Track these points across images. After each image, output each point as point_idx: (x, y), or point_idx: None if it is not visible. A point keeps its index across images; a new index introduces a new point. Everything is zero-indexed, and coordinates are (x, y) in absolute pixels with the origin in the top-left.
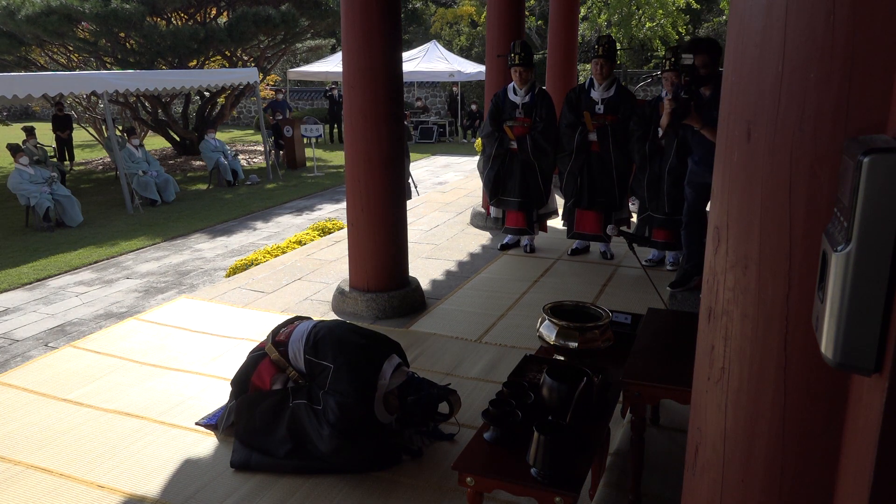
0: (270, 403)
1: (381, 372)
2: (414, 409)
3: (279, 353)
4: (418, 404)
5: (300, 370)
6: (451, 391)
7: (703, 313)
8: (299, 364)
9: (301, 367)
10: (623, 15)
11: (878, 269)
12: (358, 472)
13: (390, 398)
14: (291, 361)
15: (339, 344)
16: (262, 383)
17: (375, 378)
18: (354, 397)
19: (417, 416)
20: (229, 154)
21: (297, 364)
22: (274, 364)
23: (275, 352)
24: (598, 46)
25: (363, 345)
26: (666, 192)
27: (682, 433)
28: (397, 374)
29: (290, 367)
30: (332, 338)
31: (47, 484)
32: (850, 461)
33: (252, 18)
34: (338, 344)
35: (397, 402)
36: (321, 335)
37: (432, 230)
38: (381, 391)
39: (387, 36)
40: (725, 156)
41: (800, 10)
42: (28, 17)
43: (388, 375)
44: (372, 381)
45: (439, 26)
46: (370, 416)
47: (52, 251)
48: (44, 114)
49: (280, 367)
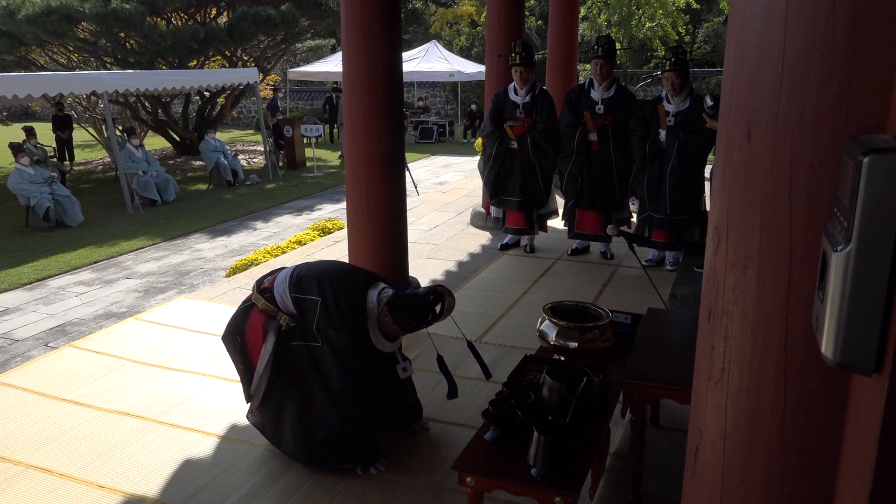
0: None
1: (367, 298)
2: (405, 314)
3: (266, 300)
4: (408, 308)
5: (290, 313)
6: (439, 289)
7: (703, 313)
8: (288, 306)
9: (290, 308)
10: (623, 15)
11: (878, 269)
12: (367, 422)
13: (382, 318)
14: (280, 306)
15: (322, 275)
16: (256, 335)
17: (363, 305)
18: (348, 333)
19: (411, 322)
20: (229, 154)
21: (286, 307)
22: (263, 312)
23: (261, 299)
24: (598, 46)
25: (347, 270)
26: (668, 192)
27: (682, 433)
28: (384, 297)
29: (279, 312)
30: (315, 271)
31: (47, 484)
32: (850, 461)
33: (252, 18)
34: (321, 275)
35: (389, 318)
36: (304, 272)
37: (432, 230)
38: (372, 318)
39: (387, 36)
40: (725, 156)
41: (800, 10)
42: (28, 17)
43: (375, 299)
44: (361, 308)
45: (439, 26)
46: (369, 348)
47: (52, 251)
48: (44, 114)
49: (270, 314)
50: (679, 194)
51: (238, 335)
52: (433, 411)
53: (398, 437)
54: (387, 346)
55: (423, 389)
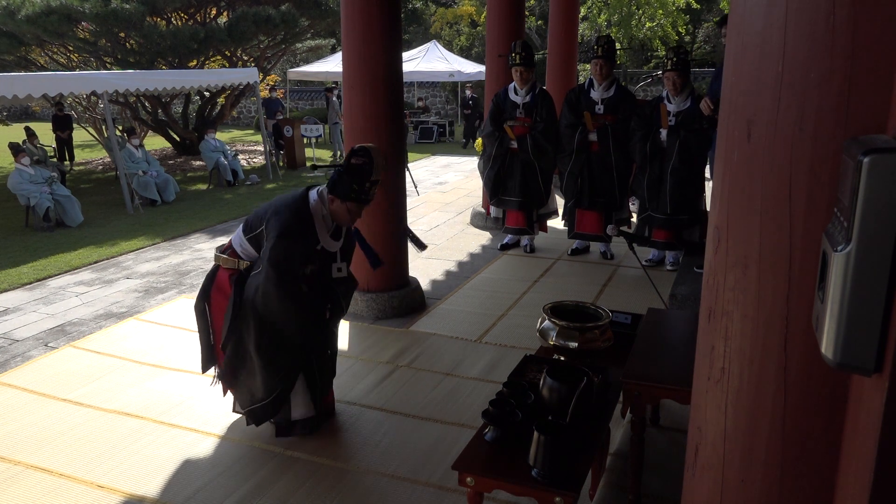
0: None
1: (308, 199)
2: (344, 183)
3: (227, 256)
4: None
5: (252, 257)
6: (355, 147)
7: (703, 313)
8: (248, 250)
9: (251, 252)
10: (623, 15)
11: (878, 269)
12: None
13: (333, 208)
14: (241, 255)
15: (266, 207)
16: (224, 293)
17: (305, 206)
18: (291, 216)
19: (353, 186)
20: (229, 154)
21: (246, 253)
22: (228, 269)
23: (222, 257)
24: (598, 47)
25: (288, 194)
26: (668, 192)
27: (682, 433)
28: (323, 190)
29: (241, 261)
30: (261, 209)
31: (47, 484)
32: (850, 461)
33: (252, 18)
34: (265, 208)
35: (337, 200)
36: (251, 216)
37: (432, 230)
38: (318, 217)
39: (387, 35)
40: (725, 156)
41: (800, 10)
42: (28, 17)
43: (316, 195)
44: (302, 209)
45: (439, 26)
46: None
47: (52, 251)
48: (44, 114)
49: (233, 266)
50: (679, 194)
51: (206, 301)
52: (433, 411)
53: (398, 436)
54: (332, 245)
55: (423, 389)
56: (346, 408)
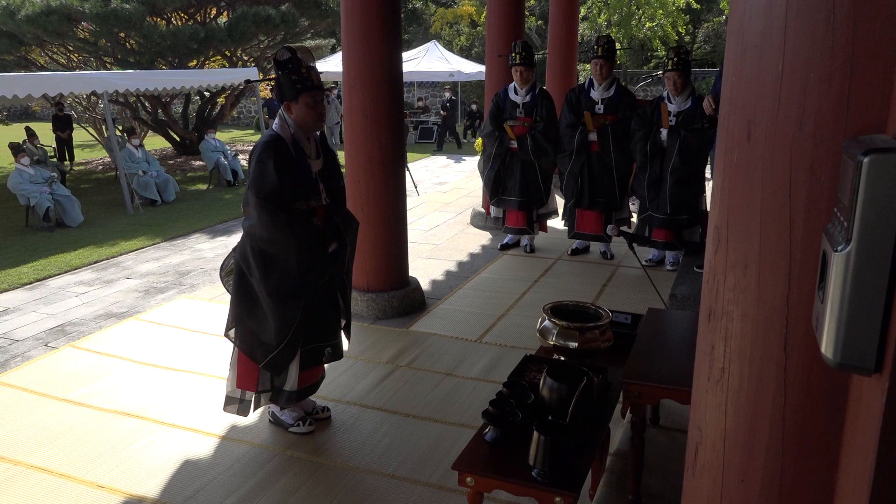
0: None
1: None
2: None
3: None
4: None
5: None
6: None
7: (703, 313)
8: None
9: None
10: (623, 15)
11: (878, 269)
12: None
13: (297, 118)
14: None
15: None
16: None
17: (273, 135)
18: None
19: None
20: (229, 154)
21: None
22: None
23: (234, 254)
24: (598, 47)
25: None
26: (668, 192)
27: (682, 433)
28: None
29: None
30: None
31: (47, 484)
32: (850, 461)
33: (252, 18)
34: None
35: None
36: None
37: (432, 230)
38: (286, 130)
39: (387, 36)
40: (725, 156)
41: (800, 10)
42: (28, 17)
43: (277, 119)
44: (273, 140)
45: (439, 26)
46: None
47: (52, 251)
48: (44, 114)
49: None
50: (680, 194)
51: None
52: (433, 411)
53: (398, 436)
54: (315, 164)
55: (423, 389)
56: (346, 408)
